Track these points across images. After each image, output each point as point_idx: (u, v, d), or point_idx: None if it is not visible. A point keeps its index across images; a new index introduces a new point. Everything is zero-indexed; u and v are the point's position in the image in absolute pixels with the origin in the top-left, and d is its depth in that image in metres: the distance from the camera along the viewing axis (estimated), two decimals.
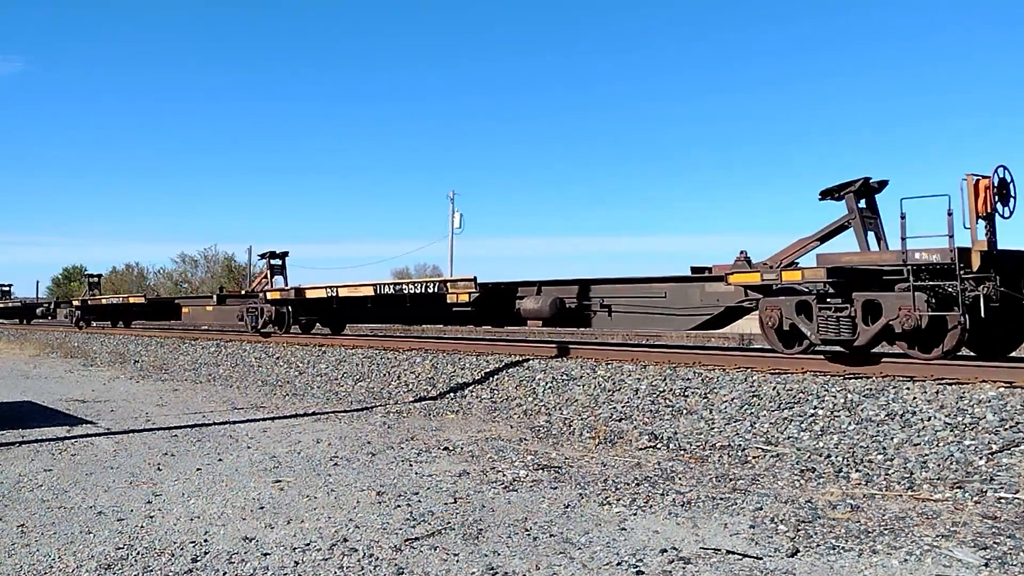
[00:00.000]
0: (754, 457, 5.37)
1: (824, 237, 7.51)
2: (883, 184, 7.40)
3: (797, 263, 7.53)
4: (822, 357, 7.17)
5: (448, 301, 10.83)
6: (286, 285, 15.45)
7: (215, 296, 17.93)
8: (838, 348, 7.32)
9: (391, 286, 11.95)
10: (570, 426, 6.75)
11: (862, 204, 7.36)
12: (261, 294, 15.13)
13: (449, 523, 3.77)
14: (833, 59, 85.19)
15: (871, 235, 7.32)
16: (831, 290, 6.95)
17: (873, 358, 6.92)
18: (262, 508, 4.06)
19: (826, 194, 7.45)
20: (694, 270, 8.67)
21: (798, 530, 3.62)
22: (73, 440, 6.16)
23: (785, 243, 7.67)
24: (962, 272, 6.13)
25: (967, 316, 6.14)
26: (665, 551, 3.33)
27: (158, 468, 5.08)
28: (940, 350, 6.45)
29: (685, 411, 6.59)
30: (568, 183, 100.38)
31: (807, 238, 7.56)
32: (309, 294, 13.67)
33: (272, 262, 16.07)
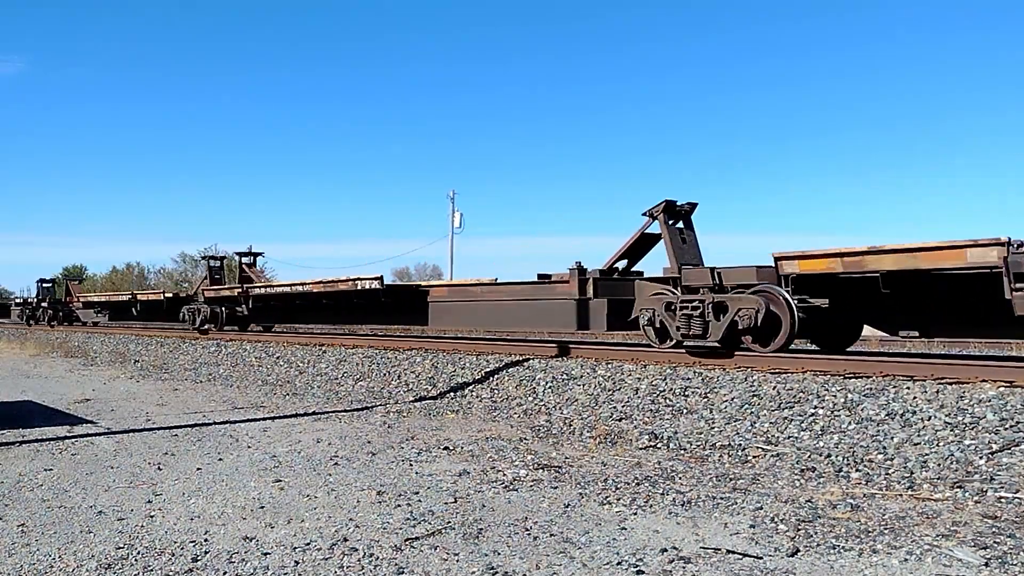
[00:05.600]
0: (754, 457, 5.37)
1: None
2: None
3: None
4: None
5: None
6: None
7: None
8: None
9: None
10: (570, 426, 6.75)
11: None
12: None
13: (449, 523, 3.77)
14: (850, 56, 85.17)
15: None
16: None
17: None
18: (262, 508, 4.06)
19: None
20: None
21: (798, 529, 3.63)
22: (73, 440, 6.16)
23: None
24: None
25: None
26: (665, 551, 3.33)
27: (158, 468, 5.08)
28: None
29: (685, 411, 6.59)
30: (569, 182, 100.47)
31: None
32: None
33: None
